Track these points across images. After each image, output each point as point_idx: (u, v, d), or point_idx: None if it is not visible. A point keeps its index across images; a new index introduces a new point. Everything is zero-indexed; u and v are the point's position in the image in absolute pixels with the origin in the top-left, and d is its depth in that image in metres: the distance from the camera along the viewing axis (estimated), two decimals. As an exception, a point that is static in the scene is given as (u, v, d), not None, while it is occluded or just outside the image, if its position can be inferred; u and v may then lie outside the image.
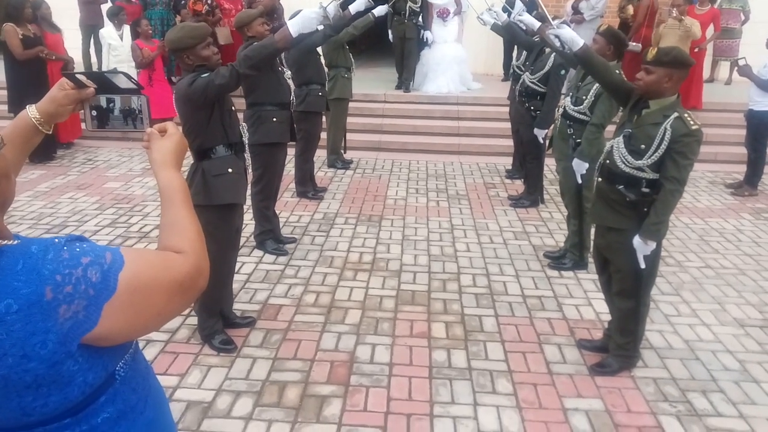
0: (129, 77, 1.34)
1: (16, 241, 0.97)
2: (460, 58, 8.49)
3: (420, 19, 8.20)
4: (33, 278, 0.92)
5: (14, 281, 0.91)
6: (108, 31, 7.26)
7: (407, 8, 7.98)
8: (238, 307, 3.61)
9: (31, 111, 1.31)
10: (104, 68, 7.16)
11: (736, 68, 5.99)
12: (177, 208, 1.18)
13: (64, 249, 0.96)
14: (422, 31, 8.33)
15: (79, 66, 8.27)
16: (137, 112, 1.36)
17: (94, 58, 8.74)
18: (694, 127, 2.71)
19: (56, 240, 0.98)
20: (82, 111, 1.37)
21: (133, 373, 1.13)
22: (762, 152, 6.15)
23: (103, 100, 1.35)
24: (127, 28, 7.26)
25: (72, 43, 7.75)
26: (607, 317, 3.32)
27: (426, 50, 8.48)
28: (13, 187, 1.05)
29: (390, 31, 8.33)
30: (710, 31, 8.03)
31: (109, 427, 1.07)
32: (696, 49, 7.65)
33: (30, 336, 0.91)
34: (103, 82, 1.34)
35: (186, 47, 2.91)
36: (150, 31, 7.09)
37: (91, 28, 8.64)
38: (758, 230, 5.22)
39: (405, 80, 8.41)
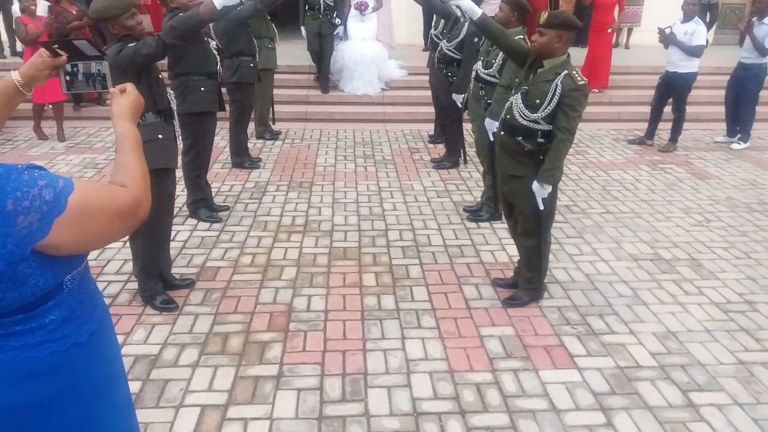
0: (92, 44, 1.64)
1: None
2: (380, 57, 8.03)
3: (335, 15, 7.53)
4: None
5: None
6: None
7: (321, 2, 7.36)
8: (176, 271, 3.76)
9: (14, 74, 1.58)
10: (17, 45, 6.92)
11: (659, 36, 6.44)
12: (126, 152, 1.44)
13: (25, 173, 1.18)
14: (337, 27, 7.68)
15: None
16: (96, 75, 1.66)
17: (4, 36, 8.41)
18: (581, 83, 3.08)
19: (19, 166, 1.21)
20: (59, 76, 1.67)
21: (80, 288, 1.36)
22: (684, 110, 6.66)
23: (68, 66, 1.65)
24: (43, 3, 6.98)
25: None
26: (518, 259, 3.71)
27: (341, 44, 7.89)
28: None
29: (303, 27, 7.71)
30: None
31: (55, 327, 1.30)
32: (609, 30, 8.15)
33: None
34: (73, 50, 1.63)
35: (110, 17, 3.01)
36: (33, 7, 6.46)
37: (1, 3, 8.27)
38: (654, 179, 5.79)
39: (323, 81, 7.95)
